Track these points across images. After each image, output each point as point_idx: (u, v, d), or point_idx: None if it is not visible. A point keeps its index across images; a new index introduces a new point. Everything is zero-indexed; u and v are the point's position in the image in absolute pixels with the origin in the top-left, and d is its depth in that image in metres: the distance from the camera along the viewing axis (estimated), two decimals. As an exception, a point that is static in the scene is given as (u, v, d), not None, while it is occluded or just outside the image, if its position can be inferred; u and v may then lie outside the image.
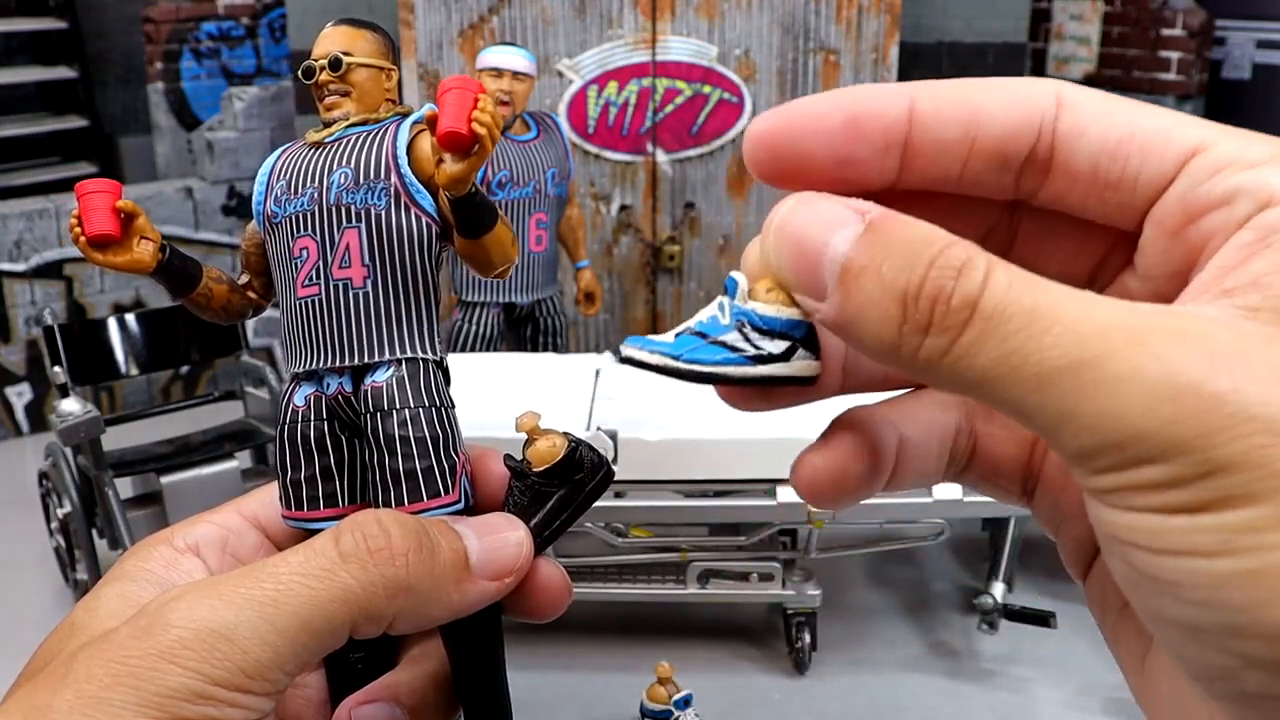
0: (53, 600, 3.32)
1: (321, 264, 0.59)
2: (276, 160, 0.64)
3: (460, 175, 0.56)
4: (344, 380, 0.60)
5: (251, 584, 0.45)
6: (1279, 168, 0.33)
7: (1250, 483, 0.30)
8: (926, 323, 0.33)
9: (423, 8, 3.93)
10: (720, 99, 4.00)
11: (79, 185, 0.61)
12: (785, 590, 2.86)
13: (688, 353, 0.39)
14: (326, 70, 0.61)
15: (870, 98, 0.38)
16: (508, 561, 0.52)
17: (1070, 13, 5.06)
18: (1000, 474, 0.44)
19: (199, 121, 4.99)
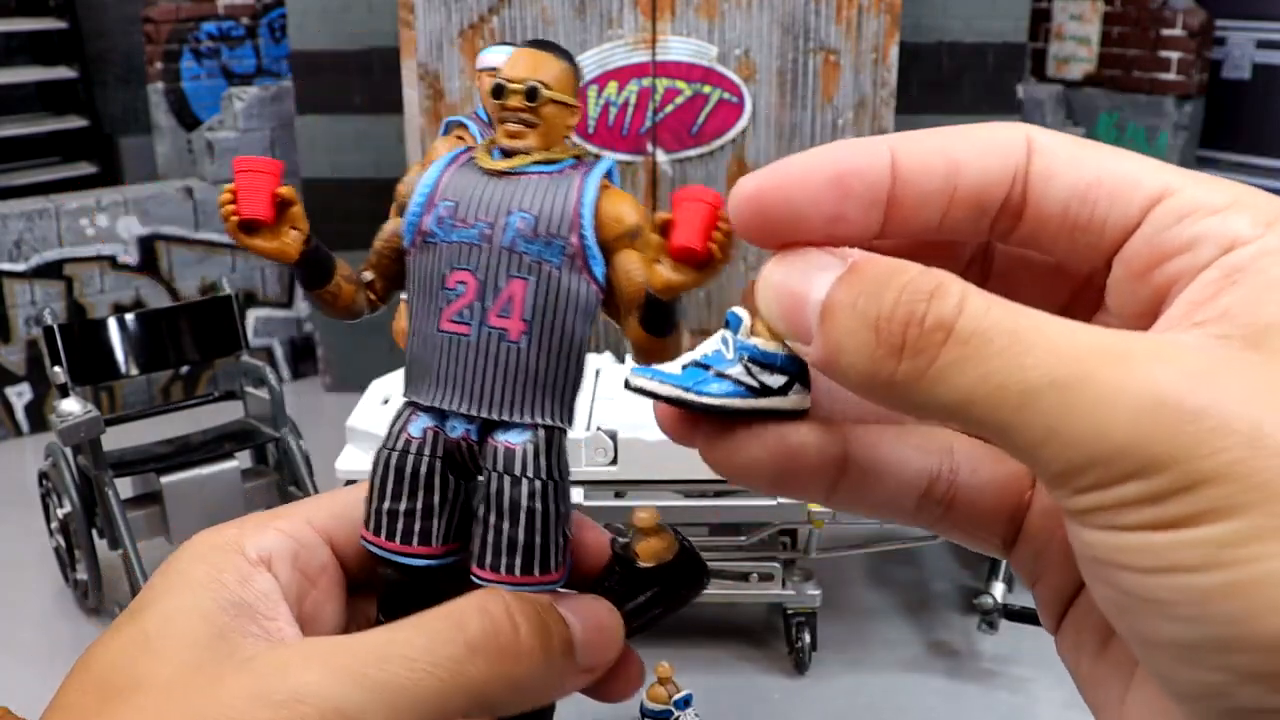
0: (53, 600, 3.32)
1: (479, 305, 0.56)
2: (444, 172, 0.59)
3: (680, 287, 0.53)
4: (472, 428, 0.57)
5: (380, 666, 0.43)
6: (1239, 213, 0.35)
7: (1232, 495, 0.30)
8: (899, 345, 0.34)
9: (423, 8, 3.93)
10: (720, 99, 4.00)
11: (239, 160, 0.57)
12: (785, 590, 2.86)
13: (696, 385, 0.41)
14: (521, 97, 0.58)
15: (854, 154, 0.38)
16: (605, 656, 0.52)
17: (1070, 13, 5.06)
18: (980, 525, 0.44)
19: (199, 121, 4.99)
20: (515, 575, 0.55)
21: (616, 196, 0.58)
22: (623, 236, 0.57)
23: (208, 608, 0.47)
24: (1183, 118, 4.85)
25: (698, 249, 0.51)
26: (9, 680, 2.92)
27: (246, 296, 4.85)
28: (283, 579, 0.50)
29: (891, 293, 0.35)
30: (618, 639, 0.53)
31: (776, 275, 0.39)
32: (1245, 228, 0.34)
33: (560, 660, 0.49)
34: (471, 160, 0.59)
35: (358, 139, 4.52)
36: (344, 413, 2.86)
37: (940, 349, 0.33)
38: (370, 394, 2.87)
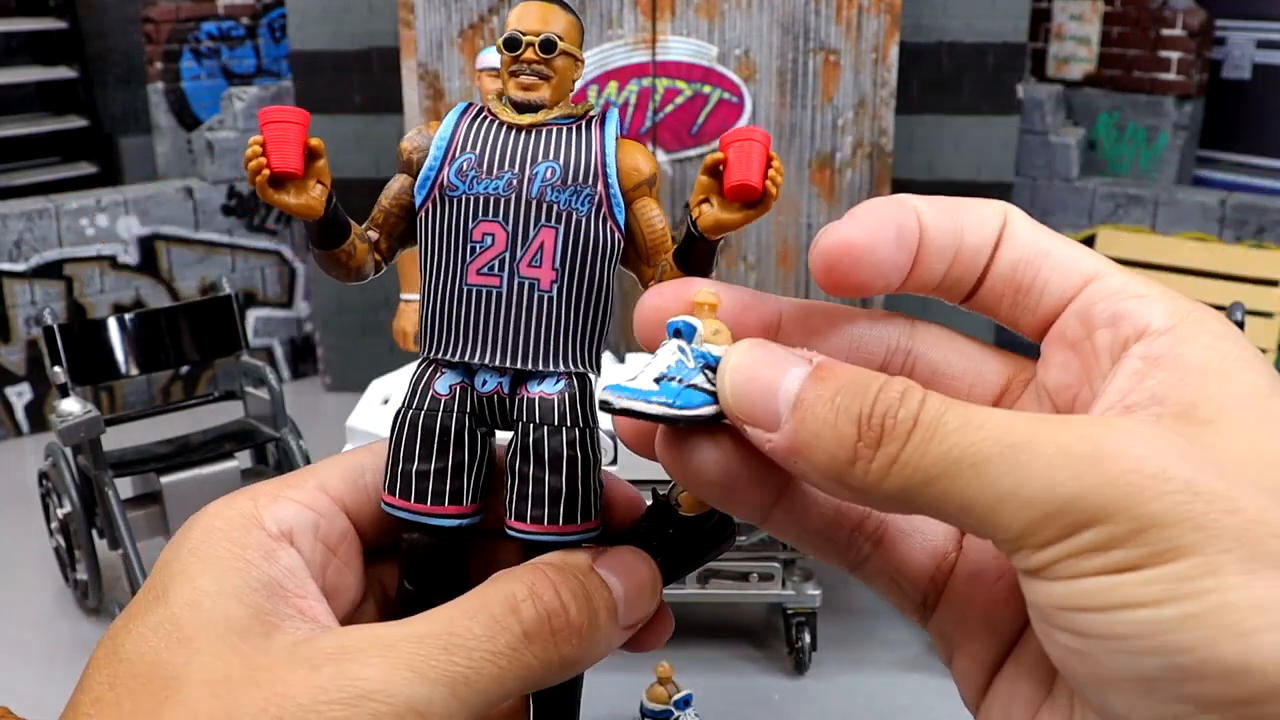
0: (53, 600, 3.32)
1: (509, 256, 0.56)
2: (458, 125, 0.59)
3: (731, 225, 0.53)
4: (503, 380, 0.57)
5: (443, 658, 0.43)
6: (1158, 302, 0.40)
7: (1179, 536, 0.34)
8: (878, 437, 0.38)
9: (423, 8, 3.93)
10: (720, 99, 4.01)
11: (264, 111, 0.54)
12: (785, 590, 2.86)
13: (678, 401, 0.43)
14: (535, 49, 0.57)
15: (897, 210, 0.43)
16: (644, 610, 0.52)
17: (1070, 13, 5.06)
18: (903, 577, 0.47)
19: (199, 121, 4.99)
20: (558, 525, 0.55)
21: (632, 146, 0.58)
22: (640, 185, 0.57)
23: (237, 588, 0.45)
24: (1183, 118, 4.85)
25: (757, 185, 0.51)
26: (9, 680, 2.92)
27: (246, 296, 4.85)
28: (306, 552, 0.50)
29: (871, 393, 0.38)
30: (656, 594, 0.53)
31: (746, 364, 0.42)
32: (1161, 316, 0.39)
33: (606, 629, 0.50)
34: (484, 114, 0.59)
35: (358, 139, 4.52)
36: (344, 413, 2.86)
37: (909, 435, 0.37)
38: (370, 394, 2.87)
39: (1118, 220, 4.68)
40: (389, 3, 4.22)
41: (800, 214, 4.13)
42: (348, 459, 0.56)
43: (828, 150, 4.07)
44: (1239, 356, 0.38)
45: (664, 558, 0.55)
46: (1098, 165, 5.03)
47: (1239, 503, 0.34)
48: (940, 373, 0.47)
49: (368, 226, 0.61)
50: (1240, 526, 0.34)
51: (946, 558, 0.47)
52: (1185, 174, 4.95)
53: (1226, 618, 0.33)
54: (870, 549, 0.47)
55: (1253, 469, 0.35)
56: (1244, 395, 0.37)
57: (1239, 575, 0.33)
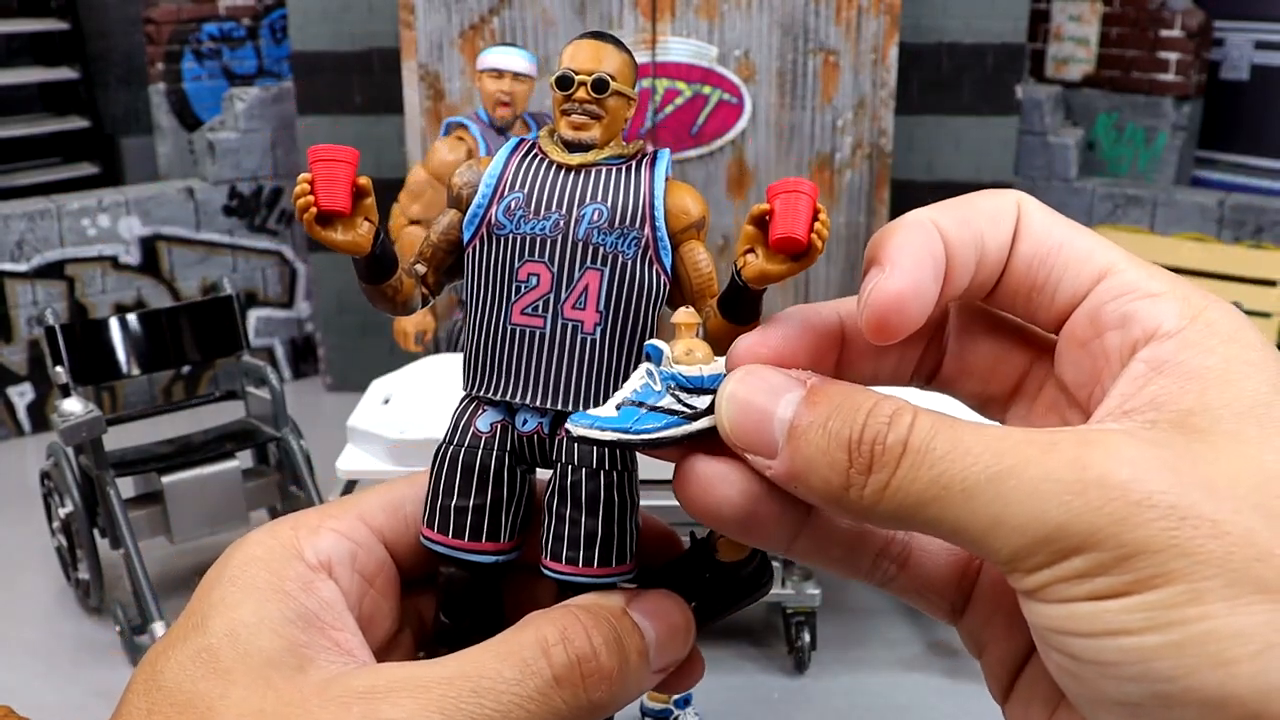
0: (54, 600, 3.33)
1: (554, 298, 0.56)
2: (508, 163, 0.58)
3: (775, 277, 0.52)
4: (544, 421, 0.57)
5: (472, 700, 0.44)
6: (1169, 302, 0.39)
7: (1163, 564, 0.34)
8: (868, 464, 0.38)
9: (423, 8, 3.94)
10: (720, 100, 4.01)
11: (314, 149, 0.54)
12: (785, 590, 2.86)
13: (635, 425, 0.43)
14: (588, 89, 0.57)
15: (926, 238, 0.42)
16: (676, 654, 0.52)
17: (1069, 13, 5.06)
18: (931, 588, 0.48)
19: (200, 122, 5.00)
20: (593, 568, 0.55)
21: (682, 189, 0.58)
22: (689, 228, 0.57)
23: (275, 620, 0.46)
24: (1181, 118, 4.85)
25: (802, 239, 0.51)
26: (11, 680, 2.92)
27: (247, 296, 4.86)
28: (344, 584, 0.50)
29: (860, 417, 0.39)
30: (689, 639, 0.53)
31: (741, 393, 0.42)
32: (1171, 318, 0.39)
33: (636, 672, 0.50)
34: (535, 152, 0.59)
35: (358, 139, 4.53)
36: (345, 412, 2.86)
37: (899, 461, 0.37)
38: (371, 394, 2.88)
39: (1116, 220, 4.69)
40: (389, 3, 4.23)
41: (800, 214, 4.14)
42: (389, 490, 0.57)
43: (827, 151, 4.08)
44: (1245, 360, 0.38)
45: (699, 602, 0.55)
46: (1096, 166, 5.04)
47: (1224, 526, 0.34)
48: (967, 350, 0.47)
49: (415, 260, 0.60)
50: (1225, 551, 0.34)
51: (970, 566, 0.47)
52: (1184, 174, 4.96)
53: (1209, 646, 0.34)
54: (896, 570, 0.48)
55: (1243, 485, 0.35)
56: (1244, 403, 0.37)
57: (1222, 603, 0.34)
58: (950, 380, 0.48)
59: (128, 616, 2.98)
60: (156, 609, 2.89)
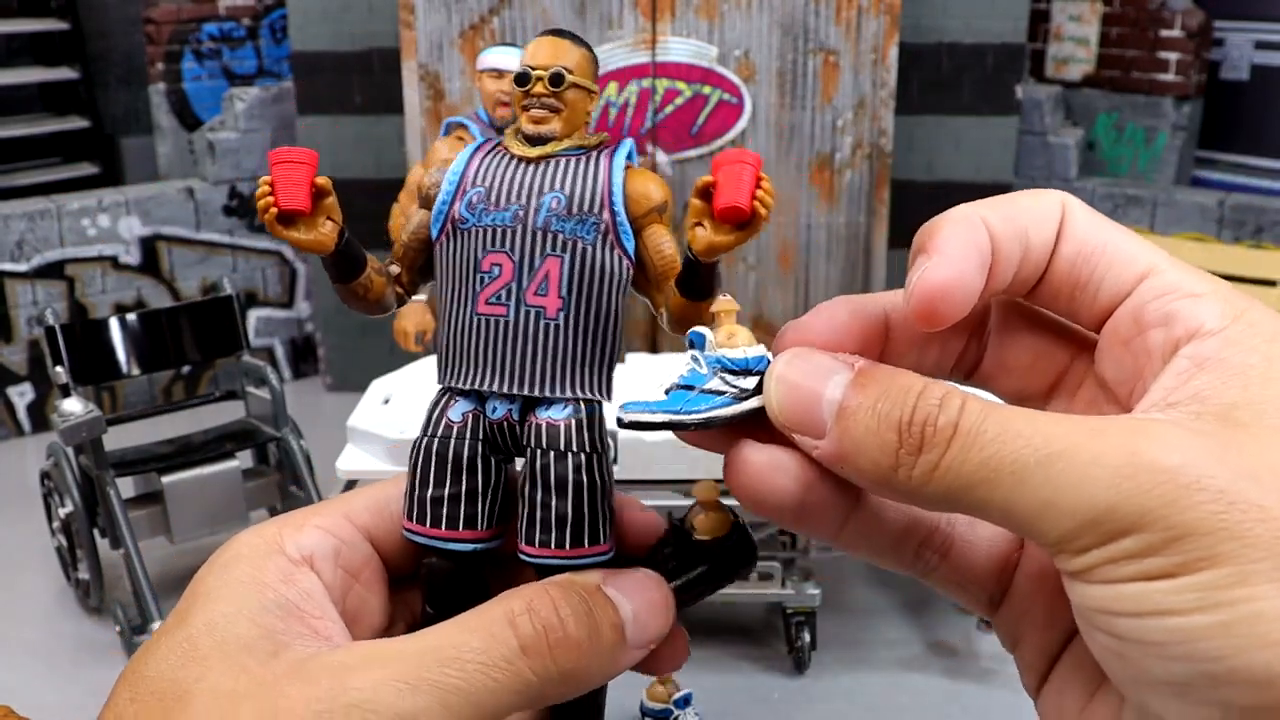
0: (54, 600, 3.33)
1: (515, 286, 0.57)
2: (470, 160, 0.60)
3: (723, 247, 0.54)
4: (513, 408, 0.58)
5: (436, 670, 0.44)
6: (1211, 302, 0.40)
7: (1212, 546, 0.35)
8: (919, 444, 0.39)
9: (423, 8, 3.94)
10: (720, 100, 4.01)
11: (274, 152, 0.57)
12: (785, 590, 2.87)
13: (685, 406, 0.44)
14: (545, 83, 0.59)
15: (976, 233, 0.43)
16: (656, 630, 0.52)
17: (1069, 13, 5.06)
18: (971, 580, 0.48)
19: (200, 122, 5.00)
20: (565, 549, 0.55)
21: (642, 175, 0.59)
22: (651, 212, 0.58)
23: (252, 609, 0.47)
24: (1181, 118, 4.86)
25: (744, 207, 0.52)
26: (11, 680, 2.92)
27: (247, 296, 4.86)
28: (326, 577, 0.51)
29: (911, 399, 0.39)
30: (669, 615, 0.53)
31: (790, 374, 0.43)
32: (1214, 317, 0.40)
33: (610, 646, 0.50)
34: (497, 148, 0.60)
35: (358, 139, 4.53)
36: (345, 412, 2.86)
37: (949, 443, 0.38)
38: (371, 394, 2.88)
39: (1116, 220, 4.67)
40: (389, 3, 4.23)
41: (800, 214, 4.14)
42: (375, 489, 0.58)
43: (827, 151, 4.08)
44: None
45: (680, 582, 0.55)
46: (1096, 166, 5.04)
47: (1272, 512, 0.35)
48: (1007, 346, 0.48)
49: (390, 261, 0.62)
50: (1272, 536, 0.35)
51: (1010, 558, 0.48)
52: (1184, 174, 4.96)
53: (1256, 627, 0.34)
54: (938, 560, 0.48)
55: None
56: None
57: (1269, 584, 0.34)
58: (989, 376, 0.48)
59: (128, 616, 2.98)
60: (156, 609, 2.89)
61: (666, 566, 0.56)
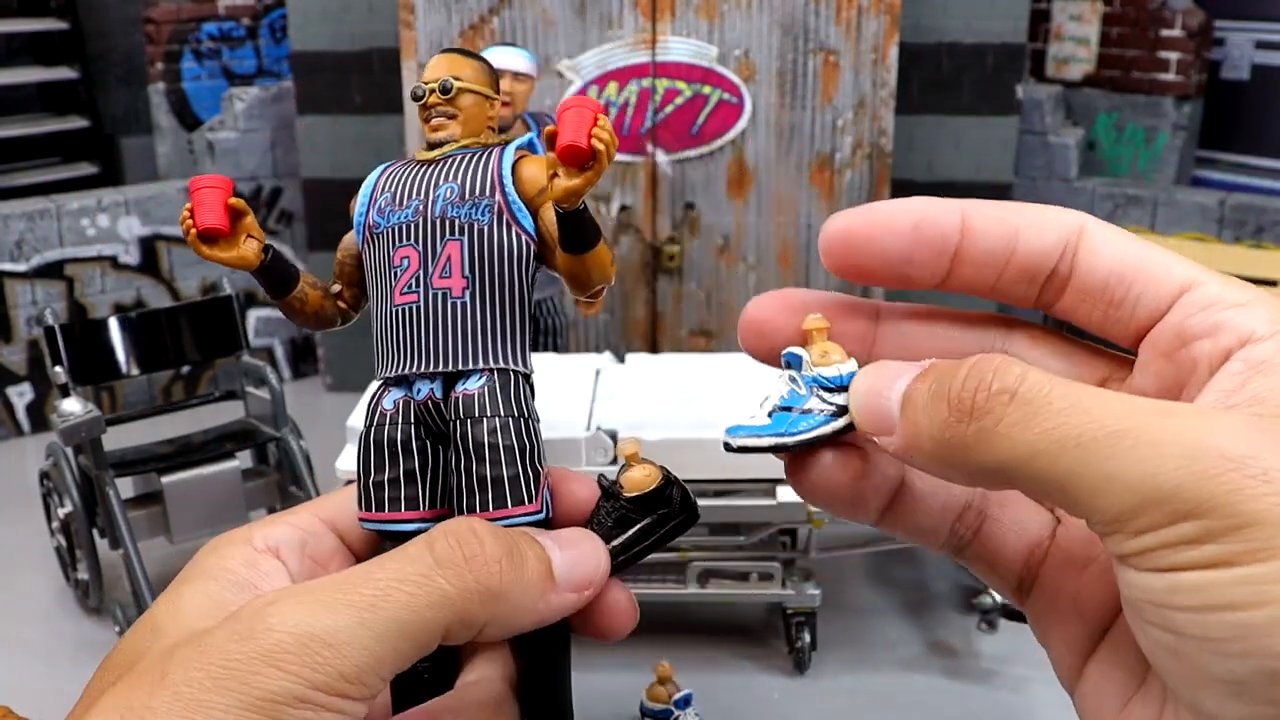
0: (53, 600, 3.32)
1: (422, 273, 0.61)
2: (380, 175, 0.65)
3: (575, 189, 0.58)
4: (435, 386, 0.61)
5: (349, 589, 0.45)
6: (1257, 310, 0.40)
7: (1274, 537, 0.34)
8: (968, 409, 0.39)
9: (423, 8, 3.93)
10: (720, 99, 4.01)
11: (193, 180, 0.62)
12: (785, 590, 2.86)
13: (789, 428, 0.46)
14: (436, 94, 0.64)
15: (933, 208, 0.44)
16: (588, 574, 0.53)
17: (1069, 13, 5.06)
18: (999, 562, 0.49)
19: (200, 122, 4.99)
20: (490, 510, 0.58)
21: (535, 159, 0.63)
22: (543, 190, 0.62)
23: (210, 589, 0.50)
24: (1181, 118, 4.85)
25: (582, 145, 0.56)
26: (10, 680, 2.92)
27: (247, 296, 4.86)
28: (291, 566, 0.53)
29: (962, 370, 0.40)
30: (600, 562, 0.54)
31: (862, 384, 0.44)
32: (1263, 324, 0.39)
33: (536, 575, 0.50)
34: (407, 162, 0.65)
35: (358, 139, 4.53)
36: (344, 413, 2.86)
37: (1005, 409, 0.38)
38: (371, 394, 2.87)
39: (1117, 220, 4.68)
40: (389, 3, 4.22)
41: (800, 214, 4.14)
42: (345, 490, 0.61)
43: (827, 150, 4.08)
44: None
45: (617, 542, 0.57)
46: (1097, 165, 5.04)
47: None
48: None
49: (333, 280, 0.68)
50: None
51: (1040, 545, 0.48)
52: (1184, 174, 4.96)
53: None
54: (970, 536, 0.49)
55: None
56: None
57: None
58: None
59: (127, 617, 2.98)
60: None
61: (602, 528, 0.57)
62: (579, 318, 4.00)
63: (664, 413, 2.68)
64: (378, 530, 0.59)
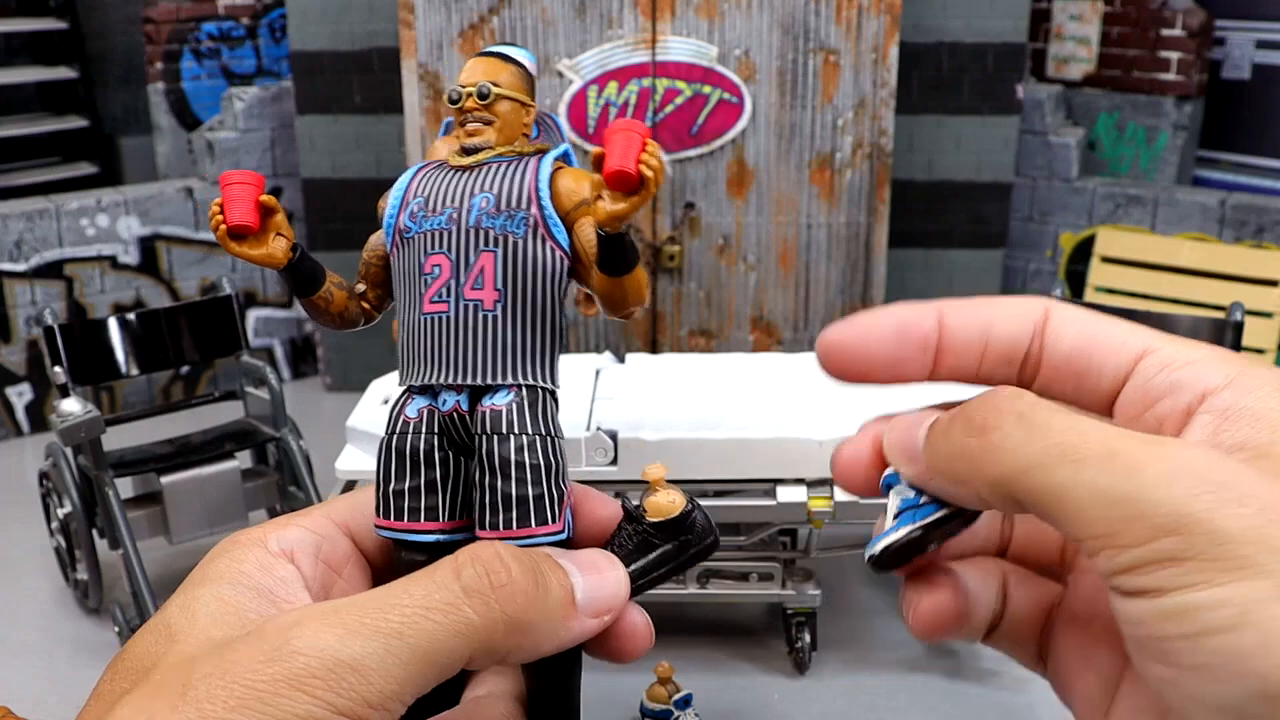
0: (53, 600, 3.32)
1: (454, 282, 0.60)
2: (413, 177, 0.64)
3: (620, 214, 0.57)
4: (461, 398, 0.60)
5: (376, 614, 0.45)
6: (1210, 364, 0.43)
7: (1254, 556, 0.36)
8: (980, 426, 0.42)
9: (423, 8, 3.93)
10: (720, 99, 4.01)
11: (224, 175, 0.62)
12: (785, 590, 2.86)
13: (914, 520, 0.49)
14: (473, 98, 0.63)
15: (911, 313, 0.49)
16: (608, 600, 0.53)
17: (1070, 13, 5.06)
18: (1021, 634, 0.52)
19: (199, 121, 4.99)
20: (514, 529, 0.57)
21: (572, 172, 0.62)
22: (580, 205, 0.61)
23: (225, 593, 0.49)
24: (1182, 118, 4.85)
25: (631, 171, 0.56)
26: (9, 680, 2.92)
27: (247, 296, 4.85)
28: (305, 570, 0.53)
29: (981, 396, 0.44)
30: (621, 587, 0.54)
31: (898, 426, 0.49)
32: (1217, 375, 0.43)
33: (559, 603, 0.50)
34: (440, 165, 0.64)
35: (358, 139, 4.53)
36: (344, 413, 2.86)
37: (1012, 426, 0.41)
38: (370, 394, 2.88)
39: (1117, 220, 4.68)
40: (389, 3, 4.22)
41: (800, 214, 4.13)
42: (358, 493, 0.60)
43: (828, 150, 4.07)
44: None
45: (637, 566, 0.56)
46: (1097, 165, 5.04)
47: None
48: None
49: (357, 280, 0.67)
50: None
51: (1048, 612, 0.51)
52: (1185, 174, 4.95)
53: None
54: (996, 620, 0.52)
55: None
56: None
57: None
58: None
59: (126, 617, 2.98)
60: (155, 609, 2.88)
61: (623, 551, 0.57)
62: (579, 317, 4.00)
63: (664, 413, 2.68)
64: (394, 539, 0.58)
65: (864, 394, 3.00)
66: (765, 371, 2.99)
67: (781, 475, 2.63)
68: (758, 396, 2.79)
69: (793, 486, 2.63)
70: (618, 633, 0.54)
